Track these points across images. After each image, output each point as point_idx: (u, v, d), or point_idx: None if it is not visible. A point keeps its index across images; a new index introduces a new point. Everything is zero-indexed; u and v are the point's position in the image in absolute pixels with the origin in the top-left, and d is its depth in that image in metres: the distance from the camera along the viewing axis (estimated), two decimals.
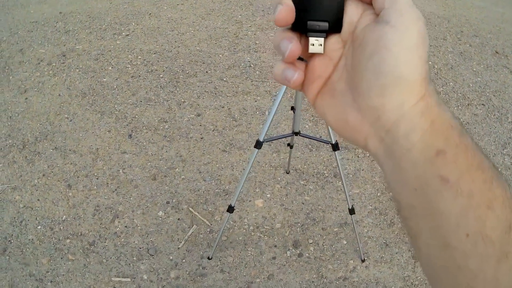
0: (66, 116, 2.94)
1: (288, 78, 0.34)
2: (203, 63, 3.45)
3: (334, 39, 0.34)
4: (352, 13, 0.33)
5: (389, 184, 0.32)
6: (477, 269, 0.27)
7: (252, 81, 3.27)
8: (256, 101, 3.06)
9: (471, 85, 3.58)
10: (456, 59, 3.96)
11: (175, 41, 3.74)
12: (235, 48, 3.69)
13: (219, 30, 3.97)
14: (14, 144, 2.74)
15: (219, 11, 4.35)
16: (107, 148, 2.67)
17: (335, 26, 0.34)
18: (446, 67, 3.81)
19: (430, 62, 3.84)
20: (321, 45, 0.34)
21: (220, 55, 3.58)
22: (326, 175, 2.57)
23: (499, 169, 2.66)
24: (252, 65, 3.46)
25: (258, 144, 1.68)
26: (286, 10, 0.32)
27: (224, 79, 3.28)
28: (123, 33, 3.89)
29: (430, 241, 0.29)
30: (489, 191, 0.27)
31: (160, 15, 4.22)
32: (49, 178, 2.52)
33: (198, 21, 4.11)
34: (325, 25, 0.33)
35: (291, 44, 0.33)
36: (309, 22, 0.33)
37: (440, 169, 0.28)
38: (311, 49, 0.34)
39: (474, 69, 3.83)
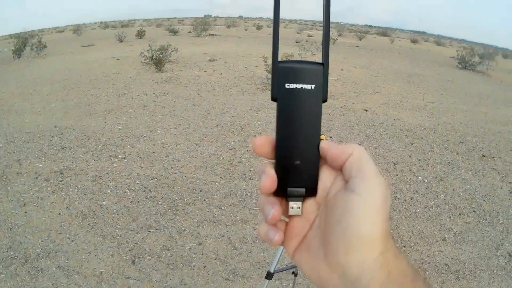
0: (67, 236, 3.05)
1: (271, 238, 0.38)
2: (200, 191, 3.70)
3: (310, 202, 0.39)
4: (326, 179, 0.38)
5: None
6: None
7: (249, 210, 3.51)
8: (255, 229, 3.28)
9: (461, 194, 3.85)
10: (444, 170, 4.27)
11: (171, 168, 4.00)
12: (230, 176, 3.96)
13: (214, 157, 4.26)
14: (16, 257, 2.80)
15: (212, 137, 4.66)
16: (111, 272, 2.78)
17: (311, 191, 0.39)
18: (436, 179, 4.12)
19: (420, 177, 4.19)
20: (299, 208, 0.39)
21: (216, 183, 3.84)
22: None
23: (495, 271, 2.95)
24: (248, 193, 3.74)
25: (269, 275, 1.77)
26: (269, 180, 0.37)
27: (222, 207, 3.51)
28: (119, 156, 4.13)
29: None
30: None
31: (155, 138, 4.51)
32: None
33: (192, 147, 4.41)
34: (302, 190, 0.38)
35: (273, 210, 0.37)
36: (289, 189, 0.38)
37: None
38: (291, 212, 0.39)
39: (463, 177, 4.13)
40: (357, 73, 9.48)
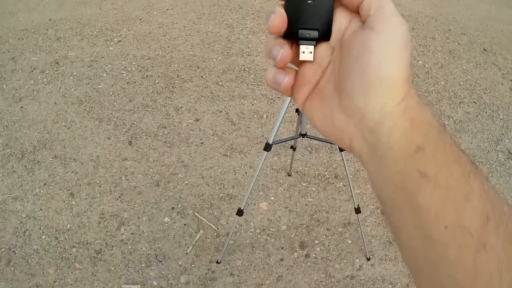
0: (63, 124, 2.93)
1: (279, 82, 0.36)
2: (198, 67, 3.46)
3: (323, 46, 0.36)
4: (341, 21, 0.35)
5: (373, 182, 0.33)
6: (457, 259, 0.28)
7: (247, 85, 3.29)
8: (253, 104, 3.08)
9: (461, 83, 3.65)
10: (445, 58, 4.03)
11: (168, 46, 3.74)
12: (228, 52, 3.70)
13: (211, 34, 3.98)
14: (12, 154, 2.72)
15: (210, 15, 4.35)
16: (108, 155, 2.67)
17: (325, 34, 0.36)
18: (436, 66, 3.88)
19: (420, 62, 3.91)
20: (311, 52, 0.36)
21: (214, 60, 3.59)
22: (327, 176, 2.61)
23: (494, 165, 2.75)
24: (246, 69, 3.48)
25: (268, 147, 1.68)
26: (279, 18, 0.34)
27: (220, 83, 3.30)
28: (115, 39, 3.88)
29: (411, 234, 0.30)
30: (467, 184, 0.28)
31: (151, 20, 4.21)
32: (50, 187, 2.51)
33: (189, 26, 4.12)
34: (315, 33, 0.35)
35: (283, 50, 0.34)
36: (300, 31, 0.35)
37: (419, 164, 0.29)
38: (302, 57, 0.36)
39: (464, 67, 3.90)
40: None
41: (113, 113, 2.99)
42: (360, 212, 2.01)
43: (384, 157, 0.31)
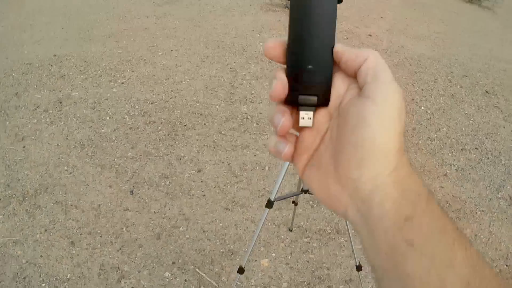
0: (65, 168, 2.96)
1: (280, 151, 0.37)
2: (201, 114, 3.53)
3: (322, 112, 0.38)
4: (339, 87, 0.37)
5: (365, 249, 0.34)
6: None
7: (250, 134, 3.35)
8: (255, 155, 3.14)
9: (463, 128, 3.75)
10: (447, 102, 4.14)
11: (171, 91, 3.81)
12: (231, 99, 3.79)
13: (215, 79, 4.06)
14: (13, 195, 2.75)
15: (213, 58, 4.45)
16: (109, 204, 2.70)
17: (324, 101, 0.37)
18: (439, 111, 3.99)
19: (422, 108, 4.02)
20: (310, 118, 0.37)
21: (217, 106, 3.67)
22: (329, 231, 2.66)
23: (496, 213, 2.81)
24: (249, 117, 3.56)
25: (270, 204, 1.70)
26: (280, 84, 0.36)
27: (223, 132, 3.36)
28: (119, 81, 3.95)
29: None
30: (450, 252, 0.30)
31: (155, 61, 4.30)
32: (51, 233, 2.53)
33: (193, 69, 4.21)
34: (314, 99, 0.37)
35: (283, 118, 0.36)
36: (300, 97, 0.37)
37: (407, 234, 0.31)
38: (301, 123, 0.37)
39: (466, 112, 4.01)
40: None
41: (115, 159, 3.03)
42: (361, 270, 2.05)
43: (375, 227, 0.32)
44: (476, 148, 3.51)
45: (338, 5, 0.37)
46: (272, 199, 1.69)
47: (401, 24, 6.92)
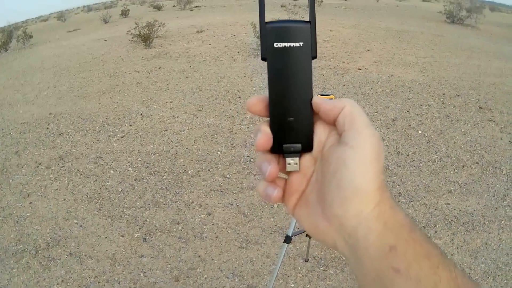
0: (75, 221, 3.01)
1: (269, 195, 0.40)
2: (204, 161, 3.65)
3: (307, 157, 0.40)
4: (321, 134, 0.39)
5: (355, 275, 0.37)
6: None
7: (254, 176, 3.47)
8: None
9: (462, 146, 3.90)
10: (443, 123, 4.31)
11: (172, 141, 3.94)
12: (231, 144, 3.92)
13: (213, 127, 4.21)
14: (26, 250, 2.77)
15: (209, 107, 4.61)
16: (124, 252, 2.76)
17: (307, 147, 0.40)
18: (436, 133, 4.16)
19: (420, 132, 4.21)
20: (296, 163, 0.40)
21: (218, 152, 3.80)
22: (344, 258, 2.73)
23: (503, 221, 2.97)
24: (252, 160, 3.69)
25: (288, 239, 1.77)
26: (264, 137, 0.38)
27: (227, 176, 3.47)
28: (118, 135, 4.06)
29: None
30: (435, 275, 0.32)
31: (151, 114, 4.44)
32: (68, 283, 2.55)
33: (190, 119, 4.35)
34: (298, 146, 0.39)
35: (270, 166, 0.39)
36: (284, 145, 0.39)
37: (392, 262, 0.33)
38: (288, 168, 0.40)
39: (462, 130, 4.18)
40: (346, 33, 9.27)
41: (124, 210, 3.10)
42: None
43: (363, 257, 0.35)
44: (476, 163, 3.64)
45: (318, 52, 0.40)
46: (290, 235, 1.78)
47: (388, 54, 7.25)
